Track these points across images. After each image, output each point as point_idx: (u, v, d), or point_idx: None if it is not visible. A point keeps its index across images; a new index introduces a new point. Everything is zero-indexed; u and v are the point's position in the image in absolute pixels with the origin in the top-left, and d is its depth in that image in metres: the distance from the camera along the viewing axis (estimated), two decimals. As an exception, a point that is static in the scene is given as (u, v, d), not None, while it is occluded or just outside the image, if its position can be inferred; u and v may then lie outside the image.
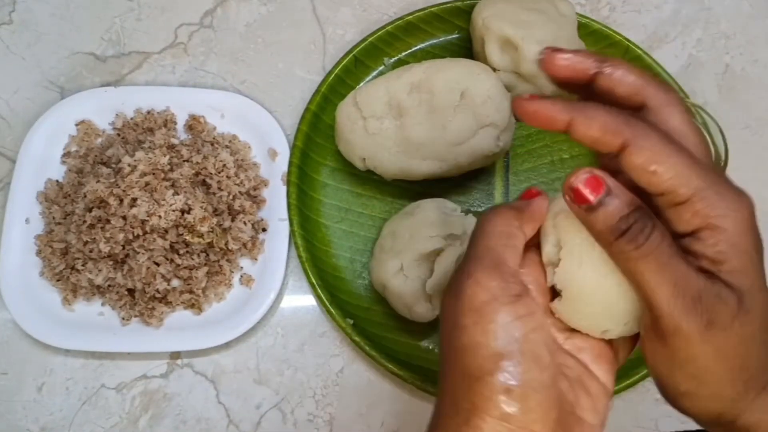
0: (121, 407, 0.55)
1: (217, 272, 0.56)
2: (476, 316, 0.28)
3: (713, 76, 0.64)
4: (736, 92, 0.64)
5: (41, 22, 0.66)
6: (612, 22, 0.65)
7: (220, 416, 0.54)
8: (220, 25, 0.66)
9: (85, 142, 0.60)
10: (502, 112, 0.53)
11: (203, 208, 0.54)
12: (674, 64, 0.64)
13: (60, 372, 0.56)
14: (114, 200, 0.53)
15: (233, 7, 0.66)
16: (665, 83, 0.31)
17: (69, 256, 0.55)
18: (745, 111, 0.63)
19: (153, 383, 0.55)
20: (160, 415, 0.54)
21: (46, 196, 0.58)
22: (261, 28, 0.65)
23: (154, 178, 0.54)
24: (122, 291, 0.55)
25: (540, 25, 0.55)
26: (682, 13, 0.67)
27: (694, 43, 0.66)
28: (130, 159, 0.54)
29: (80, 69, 0.64)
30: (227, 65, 0.64)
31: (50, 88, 0.63)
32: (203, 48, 0.65)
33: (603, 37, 0.62)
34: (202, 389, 0.55)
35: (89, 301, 0.56)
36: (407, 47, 0.63)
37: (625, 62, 0.30)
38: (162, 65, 0.64)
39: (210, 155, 0.58)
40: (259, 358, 0.56)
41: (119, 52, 0.65)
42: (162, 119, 0.60)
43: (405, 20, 0.62)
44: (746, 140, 0.62)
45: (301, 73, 0.64)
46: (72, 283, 0.55)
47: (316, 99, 0.59)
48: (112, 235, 0.53)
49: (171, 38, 0.65)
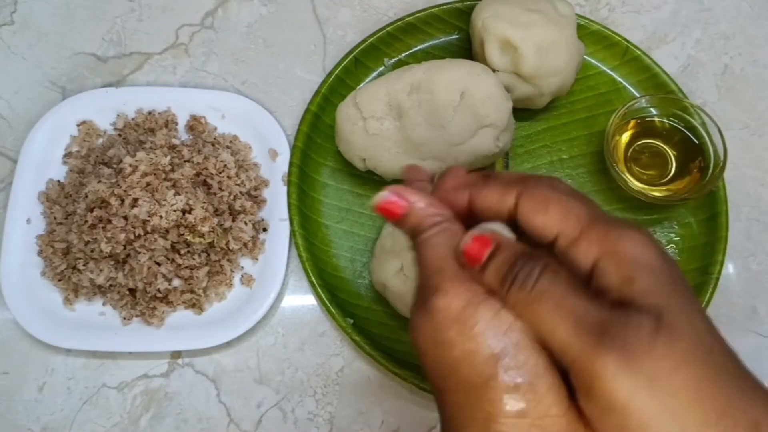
0: (122, 407, 0.55)
1: (218, 272, 0.56)
2: (458, 325, 0.27)
3: (712, 77, 0.65)
4: (736, 92, 0.64)
5: (42, 23, 0.66)
6: (611, 23, 0.65)
7: (221, 415, 0.55)
8: (221, 26, 0.66)
9: (87, 142, 0.60)
10: (502, 112, 0.53)
11: (204, 208, 0.55)
12: (673, 64, 0.64)
13: (61, 371, 0.56)
14: (115, 200, 0.54)
15: (234, 8, 0.67)
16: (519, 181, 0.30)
17: (70, 256, 0.56)
18: (745, 111, 0.63)
19: (154, 383, 0.55)
20: (161, 415, 0.55)
21: (47, 196, 0.58)
22: (262, 29, 0.66)
23: (155, 178, 0.54)
24: (123, 291, 0.55)
25: (539, 26, 0.55)
26: (681, 13, 0.67)
27: (693, 43, 0.66)
28: (131, 159, 0.55)
29: (81, 69, 0.64)
30: (228, 66, 0.64)
31: (51, 89, 0.64)
32: (204, 49, 0.65)
33: (602, 37, 0.62)
34: (203, 388, 0.55)
35: (90, 300, 0.56)
36: (407, 48, 0.63)
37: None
38: (163, 66, 0.64)
39: (211, 155, 0.58)
40: (260, 357, 0.56)
41: (120, 52, 0.65)
42: (163, 120, 0.60)
43: (405, 21, 0.62)
44: (745, 140, 0.62)
45: (301, 73, 0.64)
46: (73, 283, 0.55)
47: (317, 100, 0.59)
48: (114, 235, 0.53)
49: (172, 39, 0.65)
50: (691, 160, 0.57)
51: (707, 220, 0.57)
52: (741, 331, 0.56)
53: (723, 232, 0.56)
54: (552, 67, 0.55)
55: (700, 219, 0.58)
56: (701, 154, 0.57)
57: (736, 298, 0.57)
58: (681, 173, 0.57)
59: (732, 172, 0.59)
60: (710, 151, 0.56)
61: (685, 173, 0.57)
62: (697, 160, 0.57)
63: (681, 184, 0.57)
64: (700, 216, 0.58)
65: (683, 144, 0.58)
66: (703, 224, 0.57)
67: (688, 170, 0.57)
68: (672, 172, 0.57)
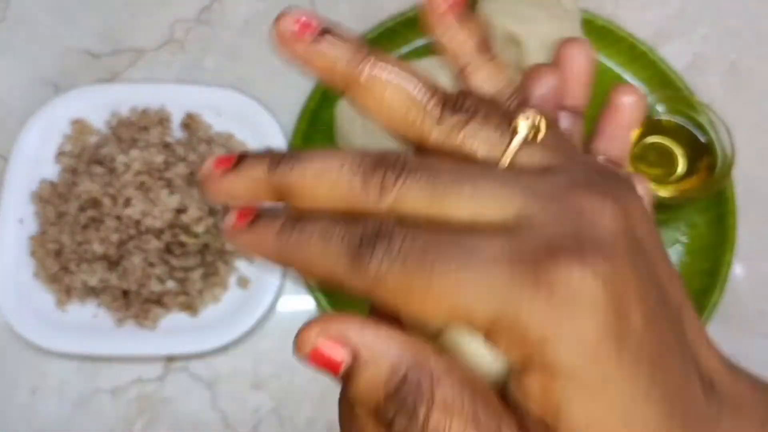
0: (115, 411, 0.54)
1: (213, 273, 0.55)
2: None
3: (720, 73, 0.63)
4: (743, 89, 0.63)
5: (35, 19, 0.65)
6: (616, 18, 0.64)
7: (217, 421, 0.54)
8: (217, 21, 0.65)
9: (80, 141, 0.59)
10: (505, 110, 0.52)
11: (199, 208, 0.54)
12: (680, 61, 0.63)
13: (54, 375, 0.55)
14: (108, 200, 0.53)
15: (230, 3, 0.65)
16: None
17: (63, 257, 0.55)
18: (753, 109, 0.62)
19: (148, 387, 0.54)
20: (156, 420, 0.54)
21: (39, 197, 0.57)
22: (259, 25, 0.64)
23: (149, 177, 0.54)
24: (116, 292, 0.54)
25: (543, 21, 0.54)
26: (688, 9, 0.66)
27: (700, 39, 0.65)
28: (124, 158, 0.54)
29: (75, 66, 0.63)
30: (224, 62, 0.63)
31: (44, 86, 0.62)
32: (200, 44, 0.64)
33: (607, 33, 0.61)
34: (198, 393, 0.54)
35: (83, 302, 0.55)
36: (407, 43, 0.62)
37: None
38: (158, 62, 0.63)
39: (206, 154, 0.57)
40: (257, 361, 0.55)
41: (114, 48, 0.64)
42: (157, 117, 0.59)
43: (405, 16, 0.61)
44: (754, 138, 0.61)
45: (299, 70, 0.63)
46: (66, 285, 0.54)
47: (315, 96, 0.58)
48: (107, 235, 0.52)
49: (167, 34, 0.64)
50: (698, 159, 0.56)
51: (715, 221, 0.56)
52: (749, 334, 0.55)
53: (731, 233, 0.55)
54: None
55: (707, 219, 0.57)
56: (709, 152, 0.56)
57: (744, 300, 0.56)
58: (688, 172, 0.56)
59: (740, 172, 0.58)
60: (718, 149, 0.55)
61: (693, 172, 0.56)
62: (705, 158, 0.56)
63: (688, 184, 0.56)
64: (707, 216, 0.57)
65: (690, 142, 0.57)
66: (711, 224, 0.56)
67: (695, 169, 0.56)
68: (679, 170, 0.57)
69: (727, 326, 0.55)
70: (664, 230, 0.57)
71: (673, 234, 0.57)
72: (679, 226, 0.57)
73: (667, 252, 0.20)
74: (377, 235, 0.17)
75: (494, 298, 0.16)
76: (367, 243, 0.17)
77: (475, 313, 0.16)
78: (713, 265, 0.55)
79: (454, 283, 0.16)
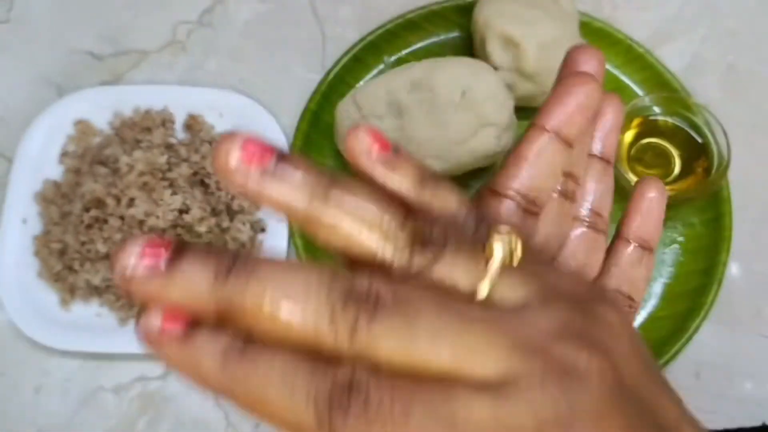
0: (118, 409, 0.54)
1: (216, 273, 0.56)
2: None
3: (718, 75, 0.64)
4: (742, 91, 0.63)
5: (38, 21, 0.66)
6: (614, 20, 0.64)
7: (219, 418, 0.54)
8: (219, 23, 0.65)
9: (83, 141, 0.60)
10: (504, 111, 0.52)
11: (201, 208, 0.54)
12: (678, 62, 0.64)
13: (57, 373, 0.55)
14: (112, 200, 0.53)
15: (232, 5, 0.66)
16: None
17: (66, 257, 0.55)
18: (751, 110, 0.63)
19: (151, 385, 0.55)
20: (159, 417, 0.54)
21: (43, 197, 0.58)
22: (260, 27, 0.65)
23: (152, 177, 0.54)
24: (120, 292, 0.55)
25: (542, 23, 0.54)
26: (686, 10, 0.66)
27: (698, 40, 0.65)
28: (127, 159, 0.54)
29: (78, 67, 0.64)
30: (226, 64, 0.64)
31: (47, 87, 0.63)
32: (202, 46, 0.64)
33: (605, 35, 0.61)
34: (201, 391, 0.55)
35: (87, 301, 0.56)
36: (407, 45, 0.62)
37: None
38: (160, 64, 0.64)
39: (208, 155, 0.57)
40: (258, 359, 0.55)
41: (117, 50, 0.64)
42: (160, 118, 0.60)
43: (405, 18, 0.61)
44: (752, 140, 0.61)
45: (300, 71, 0.63)
46: (69, 284, 0.55)
47: (316, 98, 0.59)
48: (110, 235, 0.53)
49: (169, 36, 0.65)
50: (694, 160, 0.57)
51: (711, 221, 0.57)
52: (746, 333, 0.56)
53: (727, 233, 0.55)
54: (554, 64, 0.54)
55: (704, 219, 0.57)
56: (705, 153, 0.56)
57: (740, 299, 0.57)
58: (685, 173, 0.57)
59: (737, 173, 0.58)
60: (714, 150, 0.56)
61: (689, 173, 0.57)
62: (701, 159, 0.56)
63: (685, 184, 0.56)
64: (704, 216, 0.57)
65: (687, 143, 0.57)
66: (707, 225, 0.57)
67: (691, 170, 0.57)
68: (675, 171, 0.57)
69: (722, 326, 0.55)
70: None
71: (670, 234, 0.57)
72: (675, 226, 0.57)
73: (665, 380, 0.19)
74: (350, 388, 0.15)
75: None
76: (340, 400, 0.15)
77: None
78: (709, 264, 0.55)
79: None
